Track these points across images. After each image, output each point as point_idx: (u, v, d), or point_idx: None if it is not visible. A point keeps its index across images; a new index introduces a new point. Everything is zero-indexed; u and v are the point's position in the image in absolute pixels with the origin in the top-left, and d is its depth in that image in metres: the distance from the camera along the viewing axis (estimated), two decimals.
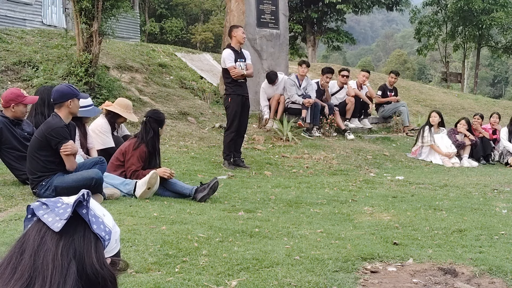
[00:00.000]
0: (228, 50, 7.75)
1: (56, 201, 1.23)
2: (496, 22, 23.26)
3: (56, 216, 1.19)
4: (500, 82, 61.90)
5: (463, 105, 17.14)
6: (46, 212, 1.20)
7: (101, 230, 1.24)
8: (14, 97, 5.28)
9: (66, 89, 4.91)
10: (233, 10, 10.96)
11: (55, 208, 1.21)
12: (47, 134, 4.77)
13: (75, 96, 4.90)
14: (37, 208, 1.21)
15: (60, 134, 4.77)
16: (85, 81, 8.93)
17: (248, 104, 7.99)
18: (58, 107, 4.88)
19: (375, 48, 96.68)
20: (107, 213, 1.32)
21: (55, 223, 1.18)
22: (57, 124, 4.79)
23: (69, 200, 1.24)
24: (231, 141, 7.80)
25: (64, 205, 1.22)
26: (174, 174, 5.60)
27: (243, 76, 7.71)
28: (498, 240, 4.12)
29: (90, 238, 1.22)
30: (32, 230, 1.20)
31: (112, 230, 1.28)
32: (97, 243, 1.22)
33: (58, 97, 4.86)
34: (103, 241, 1.24)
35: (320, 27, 26.22)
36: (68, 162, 4.85)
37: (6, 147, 5.31)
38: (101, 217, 1.27)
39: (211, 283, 2.88)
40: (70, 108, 4.87)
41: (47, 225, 1.18)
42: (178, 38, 34.97)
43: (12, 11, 15.88)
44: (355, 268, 3.30)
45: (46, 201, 1.23)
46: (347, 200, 5.91)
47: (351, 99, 10.96)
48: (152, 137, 5.55)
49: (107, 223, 1.28)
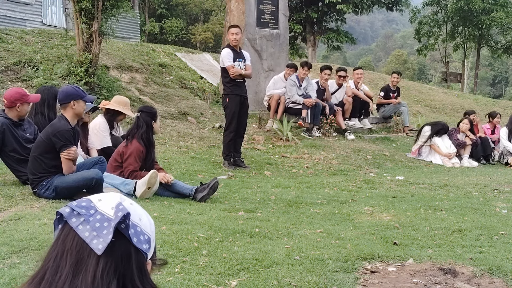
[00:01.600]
0: (227, 50, 7.75)
1: (87, 207, 1.12)
2: (496, 22, 23.26)
3: (93, 231, 1.09)
4: (500, 82, 61.90)
5: (463, 105, 17.14)
6: (80, 222, 1.10)
7: (142, 242, 1.14)
8: (19, 96, 5.27)
9: (71, 90, 4.91)
10: (233, 10, 10.96)
11: (89, 218, 1.10)
12: (52, 136, 4.77)
13: (79, 97, 4.88)
14: (69, 216, 1.11)
15: (65, 137, 4.77)
16: (85, 81, 8.93)
17: (247, 104, 7.98)
18: (64, 108, 4.88)
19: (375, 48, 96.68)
20: (141, 212, 1.20)
21: (95, 241, 1.08)
22: (62, 127, 4.79)
23: (102, 205, 1.13)
24: (231, 141, 7.80)
25: (99, 216, 1.11)
26: (173, 180, 5.55)
27: (242, 76, 7.70)
28: (498, 240, 4.12)
29: (131, 254, 1.12)
30: (68, 241, 1.10)
31: (150, 235, 1.19)
32: (138, 259, 1.14)
33: (63, 97, 4.87)
34: (145, 254, 1.16)
35: (320, 27, 26.22)
36: (66, 165, 4.85)
37: (8, 150, 5.30)
38: (139, 224, 1.16)
39: (211, 283, 2.88)
40: (74, 109, 4.86)
41: (85, 241, 1.09)
42: (178, 38, 34.97)
43: (12, 11, 15.88)
44: (355, 268, 3.30)
45: (76, 207, 1.12)
46: (347, 200, 5.91)
47: (348, 99, 10.96)
48: (146, 131, 5.51)
49: (145, 229, 1.17)
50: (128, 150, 5.50)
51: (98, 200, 1.14)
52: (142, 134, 5.50)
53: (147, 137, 5.53)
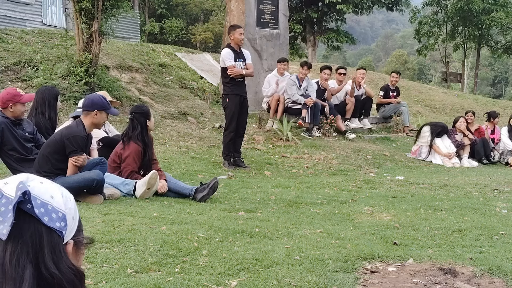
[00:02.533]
0: (227, 49, 7.74)
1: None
2: (496, 22, 23.27)
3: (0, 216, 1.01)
4: (500, 82, 61.89)
5: (463, 105, 17.14)
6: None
7: (54, 220, 1.06)
8: (10, 97, 5.27)
9: (97, 99, 4.91)
10: (233, 10, 10.96)
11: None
12: (65, 139, 4.77)
13: (103, 108, 4.88)
14: None
15: (78, 143, 4.79)
16: (85, 81, 8.93)
17: (247, 104, 7.97)
18: (85, 115, 4.88)
19: (375, 48, 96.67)
20: (54, 190, 1.11)
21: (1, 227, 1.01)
22: (78, 133, 4.80)
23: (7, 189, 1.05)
24: (230, 141, 7.80)
25: (4, 200, 1.03)
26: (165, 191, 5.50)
27: (242, 76, 7.69)
28: (498, 240, 4.12)
29: (42, 234, 1.04)
30: None
31: (65, 212, 1.09)
32: (52, 239, 1.05)
33: (88, 104, 4.87)
34: (60, 233, 1.07)
35: (320, 27, 26.22)
36: (71, 170, 4.86)
37: (7, 149, 5.31)
38: (50, 202, 1.08)
39: (211, 283, 2.88)
40: (94, 118, 4.87)
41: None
42: (178, 38, 34.96)
43: (12, 11, 15.88)
44: (355, 268, 3.30)
45: None
46: (347, 200, 5.91)
47: (351, 99, 10.96)
48: (141, 132, 5.50)
49: (58, 206, 1.08)
50: (126, 151, 5.49)
51: (5, 184, 1.07)
52: (138, 136, 5.49)
53: (142, 138, 5.52)
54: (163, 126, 9.32)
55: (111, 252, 3.27)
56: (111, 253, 3.24)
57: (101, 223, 3.98)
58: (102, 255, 3.17)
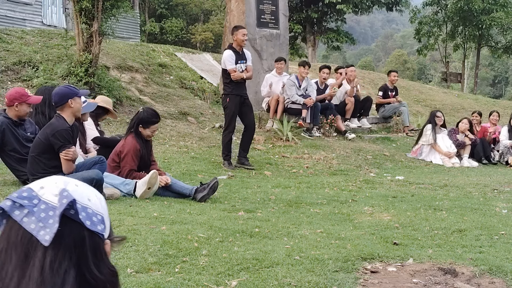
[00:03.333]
0: (229, 51, 7.72)
1: (30, 197, 1.05)
2: (496, 22, 23.26)
3: (39, 222, 1.02)
4: (500, 82, 61.89)
5: (463, 105, 17.15)
6: (25, 214, 1.03)
7: (95, 224, 1.07)
8: (18, 96, 5.28)
9: (65, 89, 4.89)
10: (233, 10, 10.96)
11: (33, 209, 1.03)
12: (50, 136, 4.75)
13: (75, 94, 4.86)
14: (11, 210, 1.04)
15: (64, 136, 4.76)
16: (85, 81, 8.93)
17: (249, 103, 7.96)
18: (61, 109, 4.86)
19: (375, 48, 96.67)
20: (89, 192, 1.12)
21: (42, 232, 1.01)
22: (61, 126, 4.77)
23: (45, 193, 1.06)
24: (230, 141, 7.81)
25: (44, 205, 1.04)
26: (170, 182, 5.52)
27: (243, 80, 7.70)
28: (498, 240, 4.12)
29: (85, 238, 1.05)
30: (12, 236, 1.03)
31: (103, 214, 1.11)
32: (94, 242, 1.07)
33: (58, 99, 4.84)
34: (102, 235, 1.09)
35: (320, 27, 26.21)
36: (65, 165, 4.84)
37: (8, 149, 5.31)
38: (88, 205, 1.08)
39: (211, 283, 2.88)
40: (72, 108, 4.84)
41: (32, 233, 1.01)
42: (178, 38, 34.96)
43: (12, 11, 15.88)
44: (355, 268, 3.30)
45: (18, 198, 1.04)
46: (347, 200, 5.91)
47: (351, 99, 10.96)
48: (133, 125, 5.51)
49: (96, 209, 1.09)
50: (125, 148, 5.49)
51: (40, 188, 1.07)
52: (130, 129, 5.52)
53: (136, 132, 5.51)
54: (163, 126, 9.32)
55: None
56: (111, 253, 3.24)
57: None
58: None
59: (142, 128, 5.49)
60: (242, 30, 7.83)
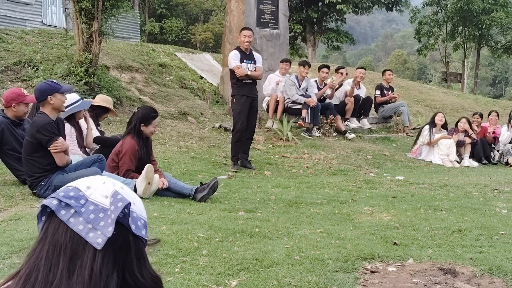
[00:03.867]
0: (234, 51, 7.73)
1: (77, 196, 1.03)
2: (496, 22, 23.26)
3: (88, 224, 1.01)
4: (500, 82, 61.89)
5: (463, 105, 17.14)
6: (71, 214, 1.01)
7: (140, 228, 1.06)
8: (15, 96, 5.29)
9: (45, 85, 4.87)
10: (233, 10, 10.96)
11: (80, 209, 1.02)
12: (35, 133, 4.74)
13: (55, 91, 4.83)
14: (58, 209, 1.02)
15: (48, 130, 4.73)
16: (85, 81, 8.93)
17: (256, 105, 7.95)
18: (42, 105, 4.85)
19: (375, 48, 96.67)
20: (134, 195, 1.10)
21: (91, 234, 1.00)
22: (43, 121, 4.75)
23: (93, 194, 1.04)
24: (237, 142, 7.73)
25: (92, 206, 1.02)
26: (165, 186, 5.50)
27: (248, 77, 7.67)
28: (498, 240, 4.12)
29: (130, 242, 1.05)
30: (59, 237, 1.01)
31: (145, 218, 1.10)
32: (137, 246, 1.06)
33: (39, 95, 4.84)
34: (145, 240, 1.08)
35: (320, 27, 26.21)
36: (57, 158, 4.82)
37: (7, 149, 5.32)
38: (134, 209, 1.07)
39: (211, 283, 2.88)
40: (52, 103, 4.82)
41: (80, 235, 1.00)
42: (178, 38, 34.96)
43: (12, 11, 15.88)
44: (355, 268, 3.30)
45: (64, 198, 1.03)
46: (347, 200, 5.91)
47: (350, 99, 10.96)
48: (134, 127, 5.49)
49: (140, 214, 1.09)
50: (123, 148, 5.48)
51: (87, 188, 1.05)
52: (131, 130, 5.49)
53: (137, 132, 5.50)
54: (163, 126, 9.32)
55: None
56: None
57: None
58: None
59: (145, 127, 5.48)
60: (244, 31, 7.84)
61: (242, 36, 7.72)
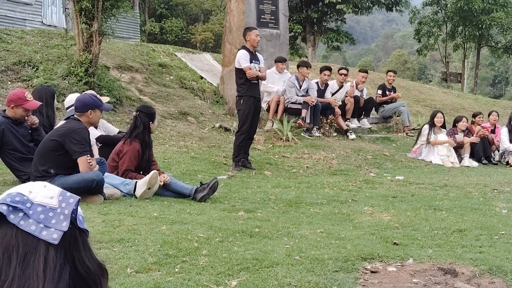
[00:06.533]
0: (243, 51, 7.64)
1: (22, 201, 1.09)
2: (496, 22, 23.26)
3: (39, 224, 1.07)
4: (500, 82, 61.89)
5: (463, 105, 17.14)
6: (21, 217, 1.07)
7: (82, 222, 1.15)
8: (16, 98, 5.28)
9: (88, 99, 4.92)
10: (233, 10, 10.96)
11: (28, 211, 1.08)
12: (67, 135, 4.73)
13: (97, 107, 4.91)
14: (8, 214, 1.07)
15: (83, 137, 4.77)
16: (85, 81, 8.93)
17: (260, 105, 7.93)
18: (79, 115, 4.91)
19: (375, 48, 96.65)
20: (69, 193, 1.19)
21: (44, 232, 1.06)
22: (81, 127, 4.81)
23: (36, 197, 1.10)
24: (241, 143, 7.70)
25: (40, 208, 1.09)
26: (168, 180, 5.54)
27: (258, 78, 7.66)
28: (498, 240, 4.12)
29: (76, 235, 1.12)
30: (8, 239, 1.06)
31: (83, 214, 1.19)
32: (83, 238, 1.14)
33: (80, 106, 4.89)
34: (87, 231, 1.16)
35: (320, 27, 26.21)
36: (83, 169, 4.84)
37: (8, 149, 5.31)
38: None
39: (211, 283, 2.88)
40: (90, 118, 4.92)
41: (33, 235, 1.06)
42: (178, 38, 34.96)
43: (12, 11, 15.88)
44: (355, 268, 3.30)
45: (12, 202, 1.08)
46: (347, 200, 5.91)
47: (350, 99, 10.96)
48: (143, 131, 5.52)
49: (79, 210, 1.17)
50: (124, 148, 5.51)
51: (29, 192, 1.12)
52: (139, 135, 5.51)
53: (143, 138, 5.53)
54: (163, 126, 9.32)
55: (111, 252, 3.27)
56: (111, 253, 3.24)
57: (101, 223, 3.98)
58: (102, 255, 3.17)
59: (152, 124, 5.62)
60: (255, 30, 7.78)
61: (254, 35, 7.64)
